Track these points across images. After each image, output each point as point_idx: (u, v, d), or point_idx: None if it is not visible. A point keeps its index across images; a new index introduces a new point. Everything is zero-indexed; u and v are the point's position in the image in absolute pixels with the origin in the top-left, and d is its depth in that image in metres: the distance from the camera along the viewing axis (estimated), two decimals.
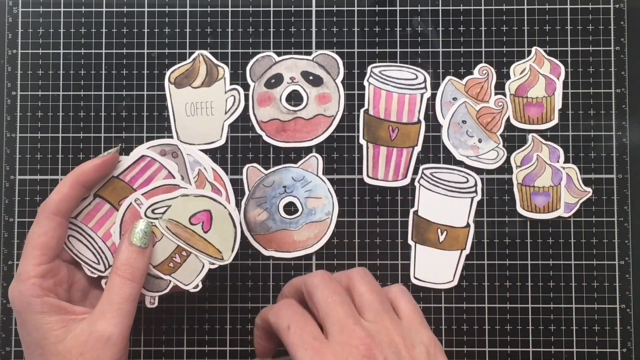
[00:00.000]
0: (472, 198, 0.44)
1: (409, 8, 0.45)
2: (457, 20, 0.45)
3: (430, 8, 0.45)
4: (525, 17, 0.45)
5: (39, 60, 0.45)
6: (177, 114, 0.44)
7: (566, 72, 0.45)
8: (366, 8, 0.45)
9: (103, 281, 0.38)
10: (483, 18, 0.45)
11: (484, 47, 0.45)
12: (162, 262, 0.38)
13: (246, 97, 0.45)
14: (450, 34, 0.45)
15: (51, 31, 0.45)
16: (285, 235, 0.44)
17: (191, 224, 0.38)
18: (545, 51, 0.45)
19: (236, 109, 0.44)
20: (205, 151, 0.44)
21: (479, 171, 0.44)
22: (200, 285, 0.38)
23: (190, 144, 0.44)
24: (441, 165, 0.44)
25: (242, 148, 0.44)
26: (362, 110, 0.44)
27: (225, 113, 0.44)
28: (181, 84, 0.45)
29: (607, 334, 0.44)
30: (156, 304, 0.38)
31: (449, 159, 0.44)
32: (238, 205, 0.44)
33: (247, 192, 0.44)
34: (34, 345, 0.34)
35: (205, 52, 0.45)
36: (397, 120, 0.44)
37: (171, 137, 0.44)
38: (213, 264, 0.38)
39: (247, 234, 0.44)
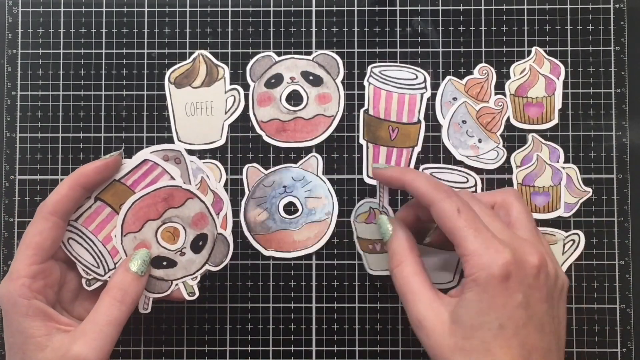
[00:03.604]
0: None
1: (409, 8, 0.45)
2: (457, 20, 0.45)
3: (430, 8, 0.45)
4: (525, 17, 0.45)
5: (39, 60, 0.45)
6: (177, 114, 0.44)
7: (566, 72, 0.45)
8: (366, 8, 0.45)
9: (83, 280, 0.37)
10: (483, 18, 0.45)
11: (484, 47, 0.45)
12: None
13: (246, 97, 0.45)
14: (450, 34, 0.45)
15: (51, 31, 0.45)
16: (285, 235, 0.44)
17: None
18: (545, 51, 0.45)
19: (236, 109, 0.44)
20: (205, 151, 0.44)
21: (479, 171, 0.44)
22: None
23: (190, 143, 0.44)
24: (441, 165, 0.44)
25: (242, 148, 0.44)
26: (362, 110, 0.44)
27: (225, 113, 0.44)
28: (181, 84, 0.45)
29: (607, 334, 0.44)
30: (149, 309, 0.38)
31: (449, 159, 0.44)
32: (238, 205, 0.44)
33: (247, 192, 0.44)
34: (16, 348, 0.33)
35: (205, 52, 0.45)
36: (397, 120, 0.44)
37: (171, 137, 0.44)
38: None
39: (247, 234, 0.44)
